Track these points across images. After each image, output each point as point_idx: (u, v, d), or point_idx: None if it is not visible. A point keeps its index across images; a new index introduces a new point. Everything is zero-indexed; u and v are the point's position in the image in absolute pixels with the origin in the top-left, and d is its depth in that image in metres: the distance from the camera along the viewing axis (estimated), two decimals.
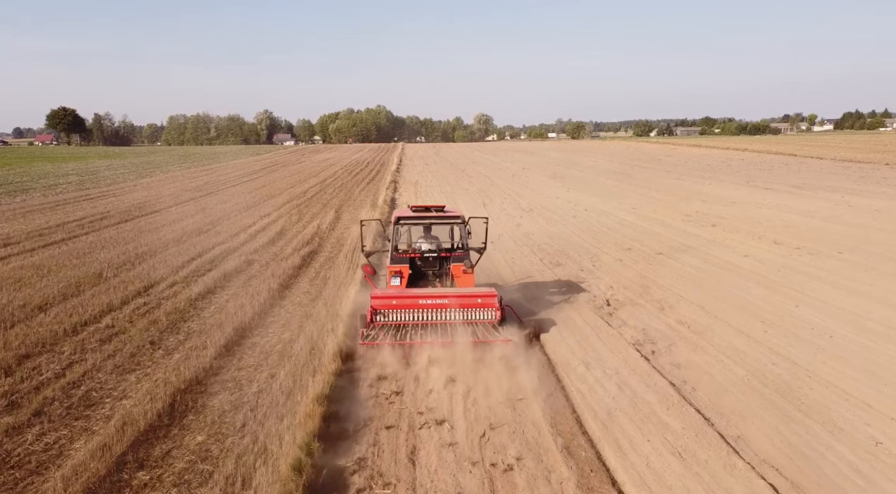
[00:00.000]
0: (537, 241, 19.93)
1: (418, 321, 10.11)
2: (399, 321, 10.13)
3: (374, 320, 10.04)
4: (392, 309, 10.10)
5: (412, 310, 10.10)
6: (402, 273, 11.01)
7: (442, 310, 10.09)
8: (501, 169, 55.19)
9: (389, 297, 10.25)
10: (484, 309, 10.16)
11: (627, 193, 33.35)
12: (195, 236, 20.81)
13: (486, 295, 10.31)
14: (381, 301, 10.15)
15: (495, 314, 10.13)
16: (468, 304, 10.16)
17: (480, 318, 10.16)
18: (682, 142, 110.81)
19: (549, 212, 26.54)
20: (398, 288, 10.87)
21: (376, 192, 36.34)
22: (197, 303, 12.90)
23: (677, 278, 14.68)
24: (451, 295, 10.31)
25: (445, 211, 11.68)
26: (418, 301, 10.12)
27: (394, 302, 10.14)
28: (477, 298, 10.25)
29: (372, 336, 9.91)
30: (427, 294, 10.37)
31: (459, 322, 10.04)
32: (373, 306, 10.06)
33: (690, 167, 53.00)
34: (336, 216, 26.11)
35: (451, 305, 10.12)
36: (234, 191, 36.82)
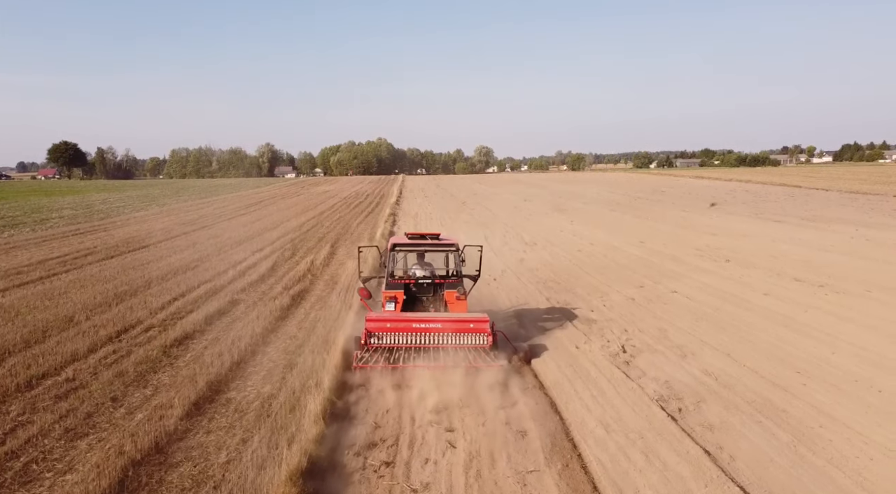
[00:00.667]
0: (542, 277, 18.82)
1: (412, 344, 10.30)
2: (393, 344, 10.30)
3: (369, 342, 10.20)
4: (386, 332, 10.30)
5: (406, 334, 10.30)
6: (396, 298, 11.30)
7: (435, 334, 10.29)
8: (503, 201, 54.38)
9: (384, 320, 10.48)
10: (476, 334, 10.33)
11: (634, 226, 32.35)
12: (181, 273, 19.72)
13: (478, 320, 10.49)
14: (375, 323, 10.36)
15: (487, 339, 10.30)
16: (460, 329, 10.35)
17: (472, 343, 10.33)
18: (684, 173, 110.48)
19: (553, 246, 25.48)
20: (393, 312, 11.15)
21: (374, 225, 35.36)
22: (172, 351, 11.74)
23: (696, 320, 13.53)
24: (444, 319, 10.52)
25: (440, 238, 12.00)
26: (412, 324, 10.34)
27: (388, 325, 10.36)
28: (469, 323, 10.42)
29: (366, 358, 9.98)
30: (421, 318, 10.60)
31: (452, 346, 10.27)
32: (367, 328, 10.24)
33: (695, 199, 52.17)
34: (331, 251, 25.06)
35: (443, 329, 10.32)
36: (228, 225, 35.87)
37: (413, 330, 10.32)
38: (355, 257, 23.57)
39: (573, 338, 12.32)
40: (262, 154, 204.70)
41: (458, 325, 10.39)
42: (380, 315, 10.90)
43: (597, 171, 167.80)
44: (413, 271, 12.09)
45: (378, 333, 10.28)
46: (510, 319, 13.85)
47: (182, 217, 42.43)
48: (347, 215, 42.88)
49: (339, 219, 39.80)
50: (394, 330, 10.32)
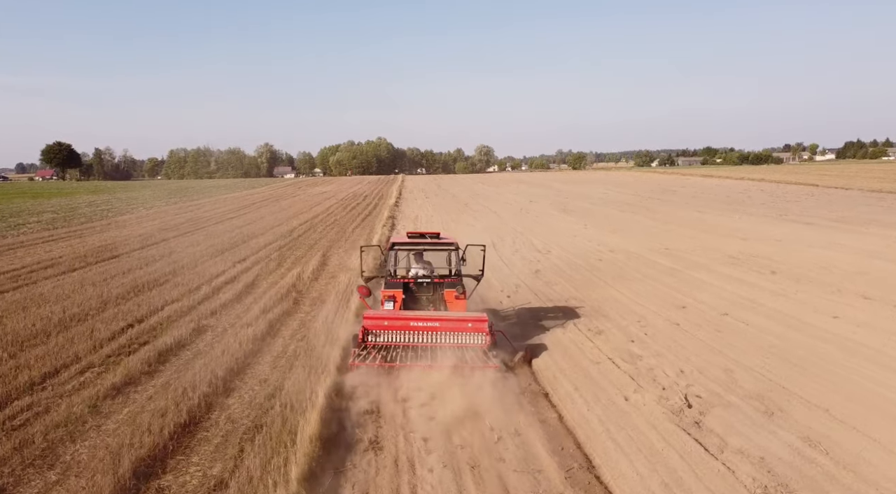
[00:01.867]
0: (564, 295, 16.22)
1: (409, 342, 10.28)
2: (390, 342, 10.31)
3: (366, 340, 10.25)
4: (384, 329, 10.32)
5: (403, 332, 10.30)
6: (395, 297, 11.19)
7: (433, 333, 10.26)
8: (507, 202, 51.75)
9: (381, 318, 10.45)
10: (474, 333, 10.25)
11: (652, 230, 29.72)
12: (146, 291, 17.11)
13: (477, 319, 10.41)
14: (373, 321, 10.36)
15: (485, 339, 10.22)
16: (459, 328, 10.28)
17: (470, 342, 10.24)
18: (691, 172, 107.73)
19: (570, 255, 22.85)
20: (391, 310, 11.00)
21: (371, 230, 32.74)
22: (103, 406, 9.13)
23: (765, 355, 10.91)
24: (443, 318, 10.45)
25: (440, 237, 11.97)
26: (409, 322, 10.32)
27: (385, 322, 10.35)
28: (468, 322, 10.35)
29: (363, 356, 9.87)
30: (419, 316, 10.51)
31: (450, 345, 10.15)
32: (365, 326, 10.32)
33: (709, 199, 49.53)
34: (322, 261, 22.44)
35: (442, 328, 10.27)
36: (214, 230, 33.24)
37: (411, 328, 10.30)
38: (348, 269, 21.04)
39: (618, 384, 9.71)
40: (260, 154, 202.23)
41: (456, 324, 10.33)
42: (377, 312, 10.83)
43: (598, 170, 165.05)
44: (413, 270, 12.04)
45: (375, 331, 10.31)
46: (536, 355, 11.25)
47: (167, 220, 39.80)
48: (343, 218, 40.24)
49: (333, 222, 37.16)
50: (391, 328, 10.32)
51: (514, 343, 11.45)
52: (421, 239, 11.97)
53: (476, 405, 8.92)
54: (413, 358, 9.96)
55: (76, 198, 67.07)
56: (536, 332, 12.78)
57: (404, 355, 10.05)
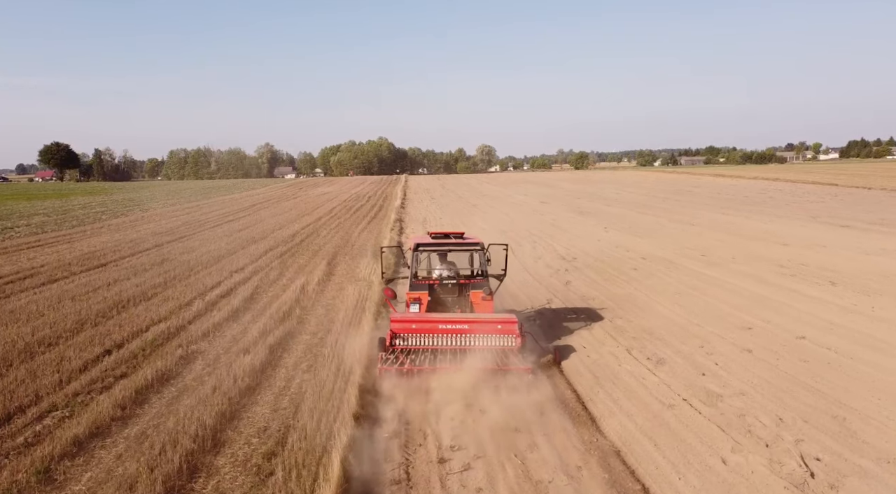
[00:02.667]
0: (605, 311, 14.26)
1: (437, 346, 10.03)
2: (418, 345, 10.07)
3: (394, 344, 10.01)
4: (412, 332, 10.11)
5: (431, 335, 10.08)
6: (420, 300, 10.94)
7: (462, 336, 10.03)
8: (517, 203, 49.78)
9: (409, 321, 10.24)
10: (504, 335, 10.02)
11: (679, 233, 27.74)
12: (131, 307, 15.16)
13: (506, 321, 10.17)
14: (400, 324, 10.15)
15: (516, 340, 9.99)
16: (488, 330, 10.05)
17: (500, 344, 10.00)
18: (701, 171, 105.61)
19: (598, 263, 20.89)
20: (418, 313, 10.75)
21: (378, 233, 30.79)
22: (57, 472, 7.18)
23: (877, 394, 8.94)
24: (472, 320, 10.23)
25: (464, 237, 11.79)
26: (438, 325, 10.09)
27: (413, 325, 10.14)
28: (497, 324, 10.11)
29: (391, 360, 9.60)
30: (447, 318, 10.26)
31: (479, 347, 9.88)
32: (392, 329, 10.08)
33: (729, 199, 47.53)
34: (328, 270, 20.48)
35: (471, 331, 10.04)
36: (211, 235, 31.28)
37: (439, 331, 10.08)
38: (357, 279, 19.09)
39: (708, 438, 7.73)
40: (261, 154, 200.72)
41: (485, 326, 10.11)
42: (405, 315, 10.62)
43: (602, 170, 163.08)
44: (438, 271, 11.70)
45: (403, 334, 10.11)
46: (586, 395, 9.30)
47: (163, 224, 37.85)
48: (347, 221, 38.27)
49: (337, 226, 35.19)
50: (419, 332, 10.13)
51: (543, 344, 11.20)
52: (445, 239, 11.77)
53: (536, 475, 6.96)
54: (441, 361, 9.67)
55: (71, 200, 65.17)
56: (584, 361, 10.83)
57: (433, 358, 9.77)
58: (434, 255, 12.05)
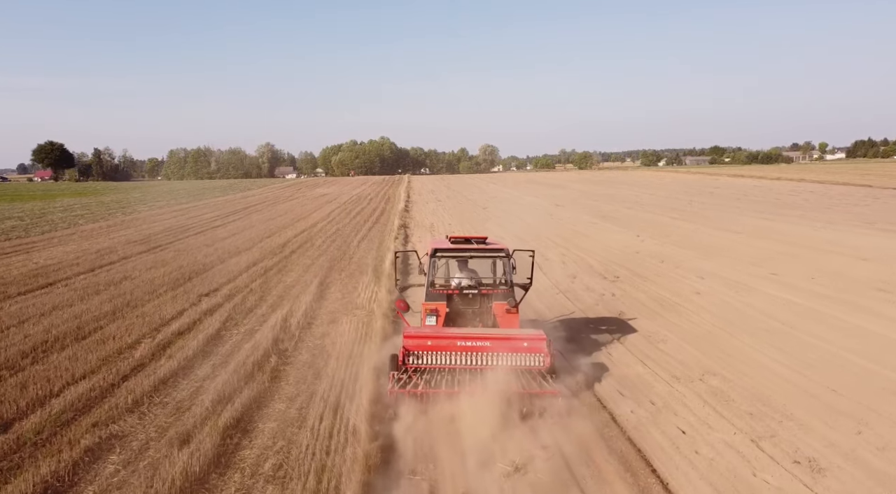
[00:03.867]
0: (693, 366, 10.56)
1: (455, 365, 8.98)
2: (434, 364, 9.03)
3: (407, 362, 8.97)
4: (427, 350, 9.06)
5: (449, 353, 9.02)
6: (438, 311, 9.96)
7: (483, 354, 8.95)
8: (529, 205, 46.10)
9: (424, 337, 9.16)
10: (531, 354, 8.96)
11: (729, 244, 24.02)
12: (52, 352, 11.49)
13: (534, 337, 9.15)
14: (414, 341, 9.09)
15: (544, 359, 8.93)
16: (513, 348, 8.98)
17: (527, 364, 8.94)
18: (717, 171, 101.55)
19: (649, 283, 17.21)
20: (434, 327, 9.73)
21: (381, 243, 27.11)
22: None
23: None
24: (495, 336, 9.22)
25: (487, 242, 10.82)
26: (456, 342, 9.04)
27: (429, 342, 9.08)
28: (523, 342, 9.07)
29: (403, 381, 8.54)
30: (466, 335, 9.23)
31: (503, 368, 8.77)
32: (405, 347, 9.06)
33: (759, 202, 43.77)
34: (319, 293, 16.81)
35: (493, 349, 8.97)
36: (190, 244, 27.61)
37: (458, 349, 9.00)
38: (356, 306, 15.41)
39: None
40: (261, 154, 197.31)
41: (510, 344, 9.02)
42: (419, 330, 9.45)
43: (607, 170, 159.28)
44: (457, 280, 10.54)
45: (417, 352, 9.04)
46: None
47: (142, 229, 34.18)
48: (346, 227, 34.55)
49: (335, 233, 31.47)
50: (435, 349, 9.04)
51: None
52: (466, 244, 10.74)
53: None
54: (460, 382, 8.59)
55: (56, 202, 61.60)
56: (696, 465, 7.12)
57: (450, 379, 8.74)
58: (453, 262, 10.96)
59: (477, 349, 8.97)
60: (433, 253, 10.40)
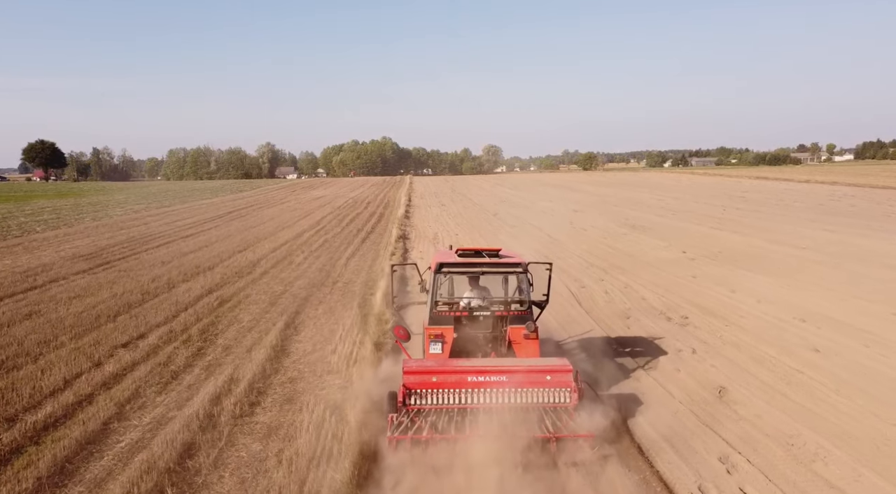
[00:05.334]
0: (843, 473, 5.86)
1: (466, 404, 7.58)
2: (440, 404, 7.61)
3: (408, 403, 7.55)
4: (431, 387, 7.65)
5: (458, 390, 7.62)
6: (444, 337, 8.65)
7: (498, 390, 7.56)
8: (545, 211, 41.39)
9: (428, 372, 7.80)
10: (555, 388, 7.64)
11: (796, 263, 19.36)
12: None
13: (558, 369, 7.79)
14: (417, 377, 7.69)
15: (570, 395, 7.61)
16: (533, 382, 7.65)
17: (550, 401, 7.63)
18: (738, 173, 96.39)
19: (738, 330, 12.52)
20: (438, 356, 8.47)
21: (374, 261, 22.46)
22: None
23: None
24: (511, 369, 7.82)
25: (500, 255, 9.33)
26: (466, 378, 7.70)
27: (434, 378, 7.72)
28: (545, 374, 7.73)
29: (404, 425, 7.22)
30: (478, 368, 7.88)
31: (522, 406, 7.53)
32: (406, 384, 7.61)
33: (801, 207, 39.02)
34: (281, 342, 12.15)
35: (510, 384, 7.60)
36: (143, 261, 22.94)
37: (468, 385, 7.62)
38: (330, 370, 10.73)
39: None
40: (261, 154, 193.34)
41: (530, 378, 7.68)
42: (421, 364, 8.04)
43: (613, 171, 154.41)
44: (467, 300, 9.14)
45: (420, 390, 7.60)
46: None
47: (101, 239, 29.52)
48: (336, 238, 29.85)
49: (321, 246, 26.76)
50: (441, 386, 7.64)
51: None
52: (476, 257, 9.23)
53: None
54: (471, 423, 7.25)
55: (29, 204, 57.11)
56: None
57: (460, 420, 7.37)
58: (461, 279, 9.44)
59: (491, 384, 7.65)
60: (438, 269, 8.95)
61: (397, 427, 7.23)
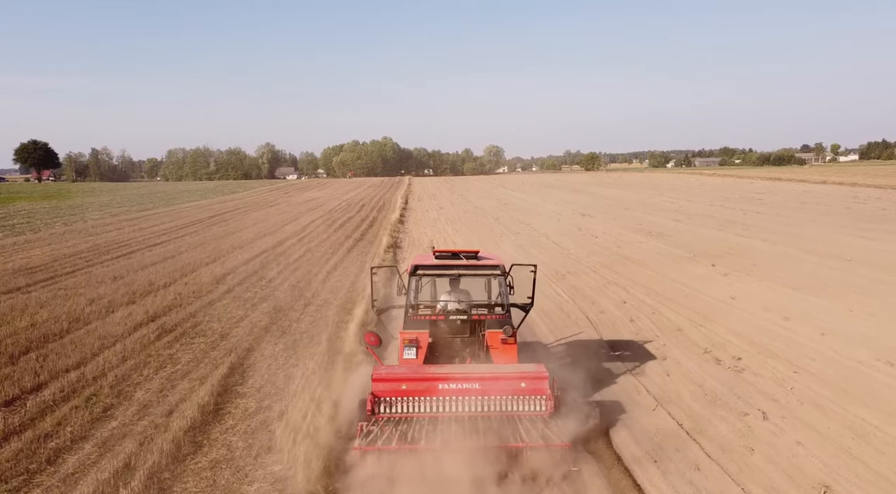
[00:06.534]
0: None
1: (437, 413, 7.26)
2: (410, 413, 7.31)
3: (377, 411, 7.30)
4: (401, 395, 7.35)
5: (429, 398, 7.31)
6: (419, 341, 8.39)
7: (471, 398, 7.28)
8: (551, 216, 38.49)
9: (398, 379, 7.44)
10: (529, 396, 7.34)
11: (850, 280, 16.46)
12: None
13: (532, 376, 7.45)
14: (386, 385, 7.38)
15: (546, 404, 7.28)
16: (508, 390, 7.35)
17: (525, 410, 7.34)
18: (750, 174, 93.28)
19: (809, 379, 9.61)
20: (413, 362, 8.18)
21: (356, 277, 19.58)
22: None
23: None
24: (484, 377, 7.44)
25: (479, 257, 9.22)
26: (437, 385, 7.35)
27: (403, 386, 7.38)
28: (520, 381, 7.41)
29: (373, 435, 6.89)
30: (449, 375, 7.47)
31: (495, 415, 7.27)
32: (374, 392, 7.35)
33: (826, 211, 36.06)
34: (217, 398, 9.29)
35: (483, 391, 7.32)
36: (90, 277, 20.08)
37: (439, 392, 7.31)
38: (269, 455, 7.93)
39: None
40: (261, 154, 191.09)
41: (503, 385, 7.36)
42: (390, 371, 7.69)
43: (616, 171, 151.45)
44: (443, 303, 8.91)
45: (389, 398, 7.32)
46: None
47: (64, 247, 26.65)
48: (320, 246, 26.96)
49: (302, 257, 23.88)
50: (412, 394, 7.33)
51: None
52: (453, 260, 9.12)
53: None
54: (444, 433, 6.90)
55: (6, 206, 54.30)
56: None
57: (431, 430, 6.98)
58: (439, 281, 9.18)
59: (463, 392, 7.26)
60: (413, 271, 8.74)
61: (365, 436, 6.89)
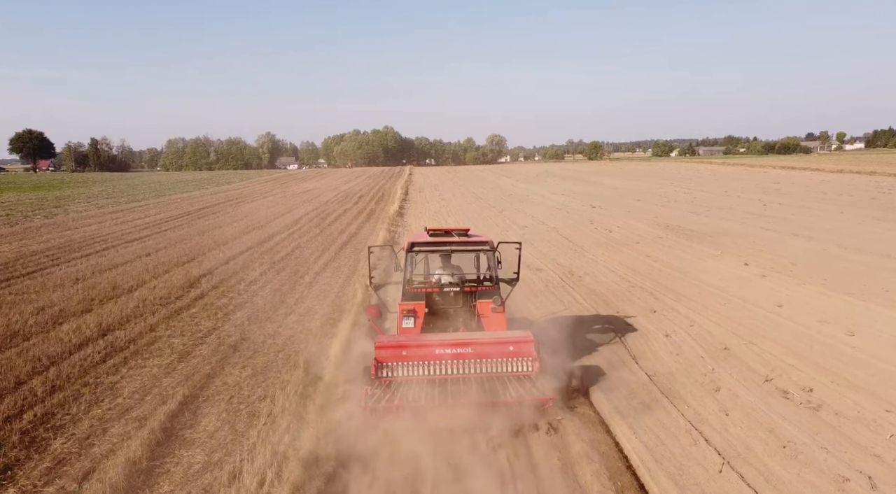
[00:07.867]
0: None
1: (435, 375, 8.09)
2: (410, 376, 8.09)
3: (380, 375, 8.04)
4: (402, 360, 8.14)
5: (427, 362, 8.12)
6: (416, 312, 9.04)
7: (465, 362, 8.15)
8: (559, 208, 36.30)
9: (398, 346, 8.24)
10: (517, 358, 8.17)
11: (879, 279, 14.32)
12: None
13: (519, 340, 8.29)
14: (387, 351, 8.16)
15: (532, 364, 8.13)
16: (497, 353, 8.20)
17: (514, 370, 8.16)
18: (762, 163, 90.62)
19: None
20: (411, 330, 8.91)
21: (347, 280, 17.49)
22: None
23: None
24: (476, 341, 8.30)
25: (470, 235, 9.81)
26: (434, 350, 8.15)
27: (404, 352, 8.17)
28: (508, 345, 8.24)
29: (377, 396, 7.66)
30: (445, 341, 8.27)
31: (487, 376, 8.15)
32: (377, 357, 8.10)
33: (851, 201, 33.83)
34: (152, 453, 7.23)
35: (475, 355, 8.16)
36: (46, 282, 17.99)
37: (436, 357, 8.11)
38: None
39: None
40: (261, 144, 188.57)
41: (493, 348, 8.21)
42: (392, 339, 8.52)
43: (620, 161, 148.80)
44: (437, 276, 9.58)
45: (391, 363, 8.09)
46: None
47: (34, 243, 24.58)
48: (311, 243, 24.83)
49: (289, 254, 21.76)
50: (411, 359, 8.13)
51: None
52: (446, 237, 9.72)
53: None
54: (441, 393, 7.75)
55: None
56: None
57: (430, 391, 7.81)
58: (435, 258, 9.93)
59: (458, 356, 8.10)
60: (409, 248, 9.31)
61: (371, 397, 7.51)
